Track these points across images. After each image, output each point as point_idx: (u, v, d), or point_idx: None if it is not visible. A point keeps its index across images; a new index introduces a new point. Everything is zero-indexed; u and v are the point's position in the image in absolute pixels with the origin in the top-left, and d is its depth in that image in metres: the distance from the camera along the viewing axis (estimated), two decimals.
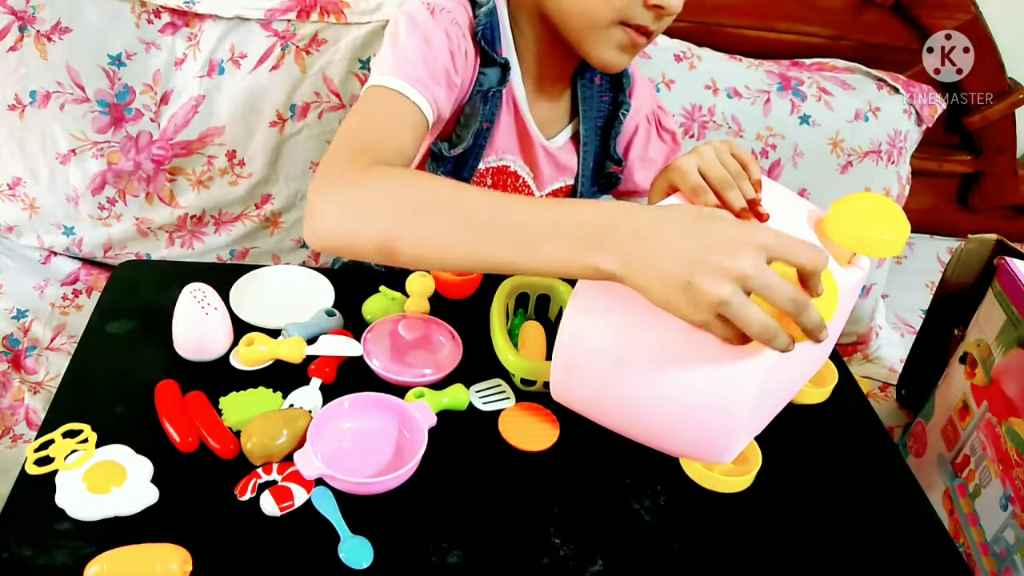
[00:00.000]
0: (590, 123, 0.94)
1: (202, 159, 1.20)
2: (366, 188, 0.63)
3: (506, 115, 0.90)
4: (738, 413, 0.61)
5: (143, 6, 1.12)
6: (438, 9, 0.80)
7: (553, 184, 0.97)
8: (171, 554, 0.59)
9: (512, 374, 0.80)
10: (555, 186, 0.97)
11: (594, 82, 0.93)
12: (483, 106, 0.85)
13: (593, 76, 0.93)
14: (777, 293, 0.53)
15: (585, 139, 0.95)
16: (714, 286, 0.52)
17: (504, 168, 0.93)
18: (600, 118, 0.95)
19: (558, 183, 0.97)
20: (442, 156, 0.87)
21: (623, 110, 0.94)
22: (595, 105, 0.94)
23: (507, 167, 0.93)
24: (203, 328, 0.77)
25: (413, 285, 0.89)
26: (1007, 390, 0.85)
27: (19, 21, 1.09)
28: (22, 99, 1.13)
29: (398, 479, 0.67)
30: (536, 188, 0.96)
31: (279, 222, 1.27)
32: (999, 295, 0.89)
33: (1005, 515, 0.83)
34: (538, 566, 0.65)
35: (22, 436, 1.05)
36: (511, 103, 0.89)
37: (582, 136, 0.94)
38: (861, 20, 1.37)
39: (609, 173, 0.98)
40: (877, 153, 1.34)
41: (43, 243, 1.23)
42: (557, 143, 0.94)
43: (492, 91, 0.85)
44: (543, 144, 0.93)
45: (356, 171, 0.64)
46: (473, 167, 0.91)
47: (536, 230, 0.57)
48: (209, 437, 0.69)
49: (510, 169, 0.94)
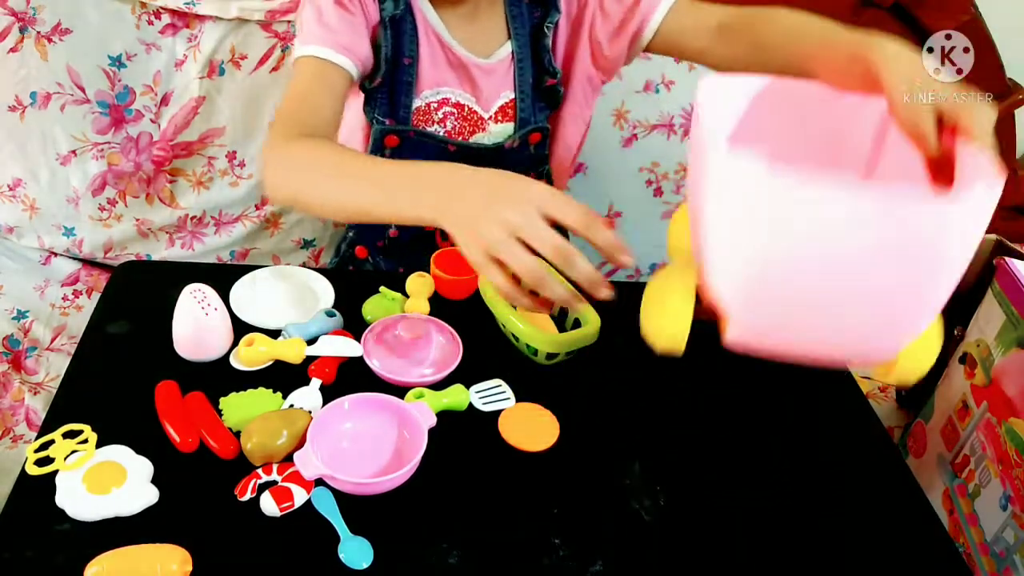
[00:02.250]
0: (522, 39, 0.95)
1: (202, 160, 1.20)
2: (284, 159, 0.78)
3: (427, 47, 0.92)
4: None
5: (143, 7, 1.12)
6: None
7: (497, 101, 0.97)
8: (171, 554, 0.59)
9: (533, 351, 0.81)
10: (500, 102, 0.97)
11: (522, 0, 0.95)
12: (386, 32, 0.88)
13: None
14: (544, 243, 0.59)
15: (519, 55, 0.95)
16: (489, 231, 0.60)
17: (445, 100, 0.95)
18: (526, 32, 0.96)
19: (501, 99, 0.97)
20: (371, 92, 0.91)
21: (548, 20, 0.94)
22: (525, 21, 0.95)
23: (447, 99, 0.95)
24: (203, 328, 0.77)
25: (413, 285, 0.89)
26: (1007, 390, 0.85)
27: (19, 22, 1.10)
28: (22, 100, 1.13)
29: (398, 479, 0.67)
30: (482, 110, 0.97)
31: (279, 223, 1.27)
32: (999, 295, 0.89)
33: (1005, 515, 0.83)
34: (538, 566, 0.65)
35: (22, 436, 1.05)
36: (430, 35, 0.92)
37: (515, 53, 0.95)
38: (861, 20, 1.37)
39: (547, 87, 0.97)
40: None
41: (43, 244, 1.23)
42: (493, 60, 0.95)
43: (395, 18, 0.88)
44: (477, 64, 0.94)
45: (280, 144, 0.79)
46: (408, 105, 0.93)
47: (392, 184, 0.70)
48: (209, 437, 0.69)
49: (451, 101, 0.95)
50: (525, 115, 0.98)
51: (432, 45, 0.92)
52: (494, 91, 0.96)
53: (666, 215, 1.33)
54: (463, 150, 0.96)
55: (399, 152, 0.95)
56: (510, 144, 0.97)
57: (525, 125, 0.98)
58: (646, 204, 1.32)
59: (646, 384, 0.79)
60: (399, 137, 0.93)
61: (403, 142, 0.94)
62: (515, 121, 0.98)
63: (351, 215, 0.81)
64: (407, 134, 0.93)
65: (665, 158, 1.29)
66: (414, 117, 0.94)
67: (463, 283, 0.89)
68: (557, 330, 0.86)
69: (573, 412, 0.78)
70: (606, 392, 0.80)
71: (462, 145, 0.96)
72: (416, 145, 0.94)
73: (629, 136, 1.28)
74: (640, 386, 0.77)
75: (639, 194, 1.31)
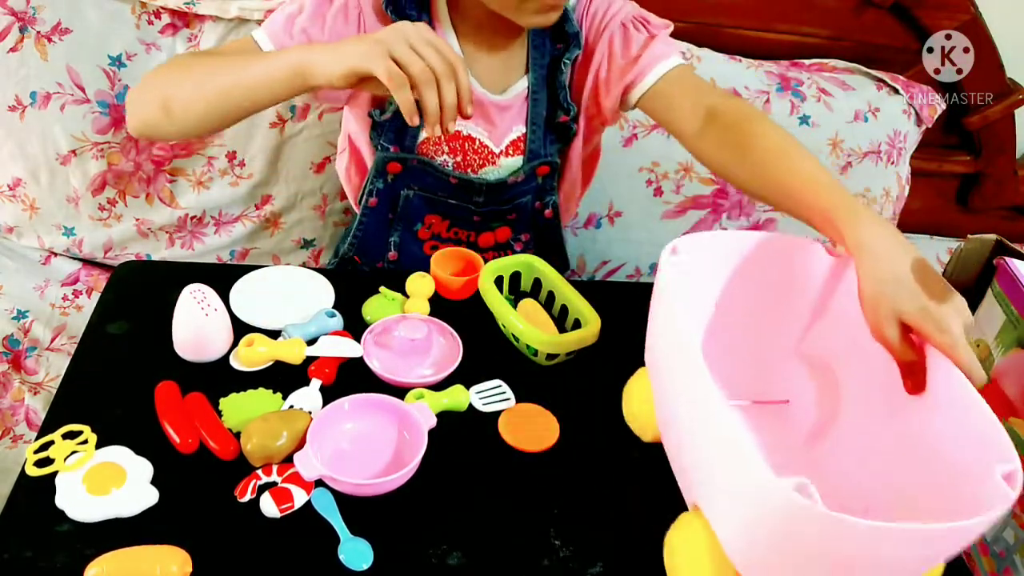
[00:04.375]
0: (539, 73, 0.95)
1: (202, 160, 1.20)
2: (151, 76, 0.83)
3: None
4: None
5: (143, 7, 1.12)
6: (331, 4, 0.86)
7: (509, 135, 0.96)
8: (171, 556, 0.59)
9: (533, 351, 0.81)
10: (511, 137, 0.96)
11: (539, 34, 0.94)
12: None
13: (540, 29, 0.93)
14: (431, 53, 0.71)
15: (535, 89, 0.95)
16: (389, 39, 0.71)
17: (457, 134, 0.94)
18: (544, 67, 0.95)
19: (513, 133, 0.96)
20: (378, 123, 0.92)
21: (566, 57, 0.93)
22: (546, 54, 0.94)
23: (459, 132, 0.94)
24: (203, 329, 0.77)
25: (413, 286, 0.89)
26: (1007, 390, 0.85)
27: (19, 22, 1.10)
28: (22, 100, 1.13)
29: (398, 480, 0.67)
30: (493, 144, 0.96)
31: (279, 223, 1.27)
32: (999, 295, 0.89)
33: (1005, 515, 0.83)
34: (538, 567, 0.65)
35: (22, 436, 1.05)
36: None
37: (531, 87, 0.95)
38: (861, 20, 1.37)
39: (560, 123, 0.96)
40: (877, 154, 1.34)
41: (43, 244, 1.23)
42: (508, 96, 0.94)
43: None
44: (493, 101, 0.94)
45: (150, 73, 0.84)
46: (415, 135, 0.93)
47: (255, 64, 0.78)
48: (209, 438, 0.69)
49: (463, 134, 0.94)
50: (535, 148, 0.97)
51: None
52: (507, 126, 0.96)
53: (666, 215, 1.33)
54: (464, 184, 0.96)
55: (400, 178, 0.95)
56: (514, 180, 0.97)
57: (535, 158, 0.97)
58: (646, 204, 1.32)
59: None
60: (401, 164, 0.94)
61: (405, 169, 0.94)
62: (524, 154, 0.97)
63: (219, 101, 0.79)
64: (410, 162, 0.94)
65: (665, 158, 1.29)
66: (424, 147, 0.94)
67: (463, 283, 0.89)
68: (557, 330, 0.86)
69: (573, 412, 0.78)
70: (606, 392, 0.80)
71: (463, 178, 0.95)
72: (417, 172, 0.95)
73: (629, 136, 1.28)
74: None
75: (639, 194, 1.31)
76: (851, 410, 0.73)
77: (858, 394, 0.72)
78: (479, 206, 0.98)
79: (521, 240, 1.05)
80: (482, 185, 0.96)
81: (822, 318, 0.75)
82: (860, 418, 0.71)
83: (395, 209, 0.98)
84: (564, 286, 0.89)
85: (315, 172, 1.23)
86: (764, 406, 0.78)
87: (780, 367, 0.78)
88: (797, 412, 0.78)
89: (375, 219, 0.99)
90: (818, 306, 0.75)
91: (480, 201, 0.97)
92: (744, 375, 0.77)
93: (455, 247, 0.96)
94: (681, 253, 0.70)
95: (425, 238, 1.02)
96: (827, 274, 0.74)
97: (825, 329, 0.75)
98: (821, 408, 0.75)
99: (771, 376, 0.78)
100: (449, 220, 1.00)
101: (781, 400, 0.79)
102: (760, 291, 0.75)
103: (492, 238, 1.03)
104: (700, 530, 0.62)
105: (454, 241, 1.02)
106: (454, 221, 1.00)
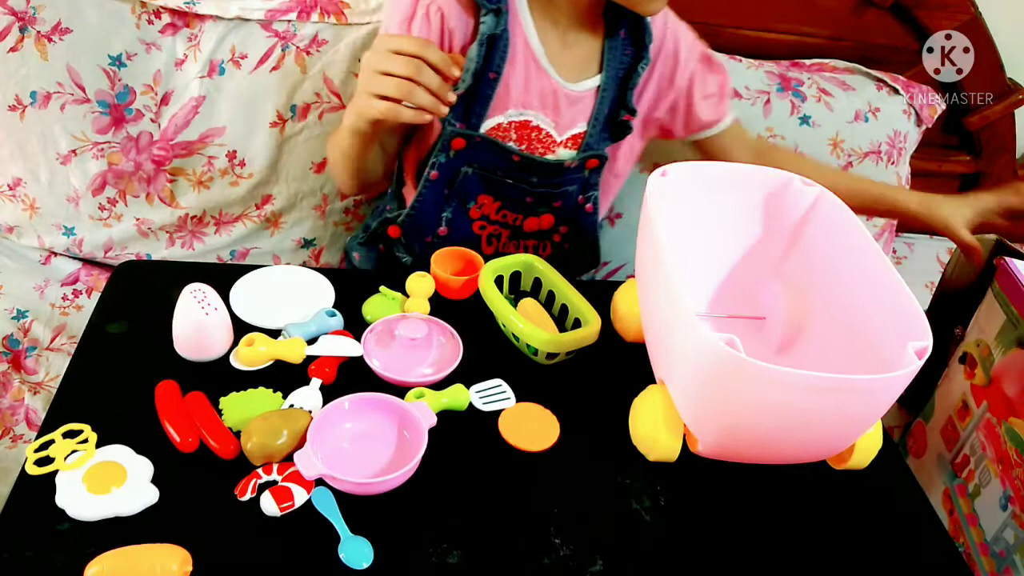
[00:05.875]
0: (612, 71, 1.00)
1: (202, 159, 1.20)
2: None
3: (521, 68, 0.95)
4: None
5: (143, 7, 1.12)
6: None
7: (572, 129, 1.01)
8: (171, 554, 0.59)
9: (533, 351, 0.81)
10: (573, 131, 1.01)
11: (619, 36, 0.99)
12: (480, 49, 0.90)
13: (621, 28, 0.99)
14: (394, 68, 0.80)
15: (604, 86, 1.00)
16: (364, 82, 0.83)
17: (526, 123, 0.98)
18: (621, 68, 1.00)
19: (576, 128, 1.01)
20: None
21: (643, 64, 0.99)
22: (618, 56, 0.99)
23: (529, 121, 0.98)
24: (203, 328, 0.77)
25: (413, 285, 0.89)
26: (1007, 390, 0.85)
27: (19, 22, 1.09)
28: (23, 99, 1.13)
29: (398, 479, 0.67)
30: (557, 135, 1.01)
31: (279, 222, 1.27)
32: (998, 295, 0.89)
33: (1005, 515, 0.83)
34: (538, 566, 0.65)
35: (22, 436, 1.05)
36: (528, 57, 0.95)
37: (602, 83, 1.00)
38: (861, 20, 1.37)
39: (621, 122, 1.02)
40: (877, 154, 1.34)
41: (43, 243, 1.23)
42: (580, 88, 0.99)
43: (491, 37, 0.91)
44: (564, 90, 0.98)
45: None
46: (481, 114, 0.96)
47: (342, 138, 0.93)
48: (209, 437, 0.69)
49: (532, 124, 0.98)
50: (591, 142, 1.02)
51: (528, 67, 0.95)
52: (571, 120, 1.01)
53: None
54: (525, 163, 0.99)
55: (462, 154, 0.97)
56: (570, 164, 1.01)
57: (587, 151, 1.02)
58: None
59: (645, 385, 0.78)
60: (466, 140, 0.96)
61: (468, 145, 0.97)
62: (579, 149, 1.02)
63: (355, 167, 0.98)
64: (475, 139, 0.96)
65: (665, 160, 1.29)
66: (492, 131, 0.98)
67: (463, 283, 0.89)
68: (557, 330, 0.86)
69: (573, 412, 0.78)
70: (606, 392, 0.80)
71: (526, 157, 0.99)
72: (480, 149, 0.97)
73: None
74: (639, 386, 0.77)
75: (639, 196, 1.31)
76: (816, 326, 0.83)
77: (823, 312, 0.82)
78: (533, 186, 1.01)
79: (560, 232, 1.09)
80: (541, 165, 1.00)
81: (797, 245, 0.86)
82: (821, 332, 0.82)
83: (451, 185, 1.00)
84: (564, 286, 0.89)
85: (315, 172, 1.23)
86: (743, 321, 0.88)
87: (759, 288, 0.88)
88: (771, 327, 0.86)
89: (432, 193, 1.01)
90: (794, 234, 0.86)
91: (534, 182, 1.01)
92: (727, 295, 0.89)
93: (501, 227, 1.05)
94: (669, 176, 0.82)
95: (475, 217, 1.04)
96: (803, 205, 0.85)
97: (800, 255, 0.86)
98: (791, 324, 0.84)
99: (752, 296, 0.88)
100: (501, 201, 1.03)
101: (758, 316, 0.88)
102: (743, 218, 0.87)
103: (537, 224, 1.06)
104: (660, 397, 0.73)
105: (501, 223, 1.05)
106: (505, 202, 1.03)
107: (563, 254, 1.11)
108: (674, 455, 0.73)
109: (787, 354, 0.83)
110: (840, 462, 0.75)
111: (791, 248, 0.87)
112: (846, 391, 0.63)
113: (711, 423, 0.69)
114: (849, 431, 0.70)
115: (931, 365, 1.03)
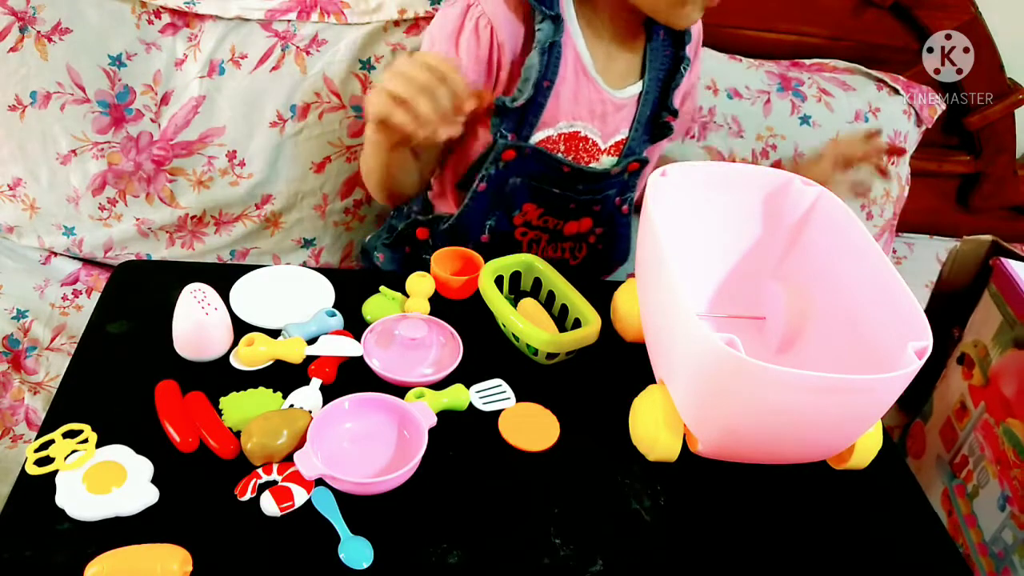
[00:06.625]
0: (654, 74, 1.01)
1: (202, 159, 1.20)
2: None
3: (572, 78, 0.95)
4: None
5: (143, 7, 1.12)
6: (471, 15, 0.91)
7: (615, 136, 1.02)
8: (171, 554, 0.59)
9: (533, 351, 0.81)
10: (617, 138, 1.02)
11: (659, 36, 1.00)
12: (542, 57, 0.90)
13: (659, 31, 1.00)
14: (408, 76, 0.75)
15: (647, 89, 1.00)
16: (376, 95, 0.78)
17: (575, 134, 0.99)
18: (662, 70, 1.01)
19: (619, 135, 1.02)
20: (505, 109, 0.93)
21: (684, 65, 1.01)
22: (659, 58, 1.01)
23: (578, 132, 0.99)
24: (203, 328, 0.77)
25: (413, 285, 0.89)
26: (1004, 391, 0.85)
27: (19, 22, 1.09)
28: (22, 99, 1.13)
29: (398, 479, 0.67)
30: (602, 142, 1.01)
31: (279, 222, 1.27)
32: (995, 296, 0.89)
33: (1003, 515, 0.83)
34: (538, 566, 0.65)
35: (22, 436, 1.05)
36: (578, 66, 0.95)
37: (644, 87, 1.00)
38: (861, 20, 1.37)
39: (663, 123, 1.03)
40: None
41: (43, 243, 1.23)
42: (624, 95, 1.00)
43: (550, 43, 0.90)
44: (611, 99, 0.99)
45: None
46: (532, 123, 0.95)
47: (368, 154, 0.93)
48: (209, 437, 0.69)
49: (581, 134, 0.99)
50: (633, 146, 1.03)
51: (578, 77, 0.96)
52: (615, 127, 1.01)
53: None
54: (575, 173, 1.00)
55: (512, 165, 0.97)
56: (615, 171, 1.02)
57: (629, 155, 1.03)
58: None
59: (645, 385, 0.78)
60: (516, 152, 0.96)
61: (518, 156, 0.97)
62: (621, 154, 1.03)
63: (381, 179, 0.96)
64: (525, 151, 0.96)
65: (664, 160, 1.29)
66: (542, 143, 0.98)
67: (463, 283, 0.89)
68: (557, 330, 0.86)
69: (573, 412, 0.78)
70: (606, 392, 0.81)
71: (576, 168, 0.99)
72: (529, 161, 0.97)
73: None
74: (639, 386, 0.77)
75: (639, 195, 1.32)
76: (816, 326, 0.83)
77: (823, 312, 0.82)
78: (578, 193, 1.02)
79: (596, 233, 1.09)
80: (590, 173, 1.01)
81: (797, 245, 0.87)
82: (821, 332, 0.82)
83: (498, 194, 1.01)
84: (564, 286, 0.89)
85: (315, 172, 1.23)
86: (743, 321, 0.88)
87: (759, 288, 0.88)
88: (771, 327, 0.86)
89: (479, 203, 1.01)
90: (794, 233, 0.87)
91: (580, 189, 1.02)
92: (727, 295, 0.90)
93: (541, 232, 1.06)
94: (669, 176, 0.82)
95: (518, 224, 1.05)
96: (803, 205, 0.85)
97: (800, 255, 0.87)
98: (791, 325, 0.84)
99: (752, 296, 0.88)
100: (544, 208, 1.04)
101: (758, 316, 0.88)
102: (743, 218, 0.88)
103: (576, 227, 1.07)
104: (660, 397, 0.73)
105: (541, 228, 1.06)
106: (548, 209, 1.04)
107: (596, 254, 1.12)
108: (674, 455, 0.73)
109: (787, 354, 0.84)
110: (840, 462, 0.75)
111: (791, 248, 0.87)
112: (846, 391, 0.63)
113: (711, 423, 0.70)
114: (849, 431, 0.70)
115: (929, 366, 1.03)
